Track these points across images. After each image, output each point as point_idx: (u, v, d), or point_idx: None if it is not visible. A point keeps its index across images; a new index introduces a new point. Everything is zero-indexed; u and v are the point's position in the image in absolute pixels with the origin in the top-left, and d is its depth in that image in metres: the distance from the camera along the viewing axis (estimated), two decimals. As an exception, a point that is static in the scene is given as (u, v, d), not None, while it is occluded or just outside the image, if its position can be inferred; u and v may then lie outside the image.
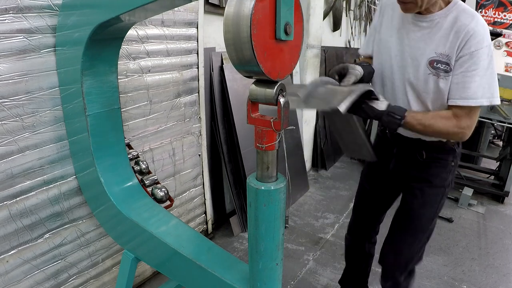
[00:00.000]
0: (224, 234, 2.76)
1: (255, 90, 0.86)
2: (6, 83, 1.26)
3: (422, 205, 1.48)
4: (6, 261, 1.38)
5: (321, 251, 2.65)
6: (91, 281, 1.78)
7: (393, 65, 1.37)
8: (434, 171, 1.45)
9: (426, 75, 1.27)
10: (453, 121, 1.24)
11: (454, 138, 1.33)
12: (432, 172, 1.45)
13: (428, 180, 1.46)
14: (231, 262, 1.20)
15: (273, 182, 0.92)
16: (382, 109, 1.21)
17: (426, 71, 1.27)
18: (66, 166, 1.51)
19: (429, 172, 1.45)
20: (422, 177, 1.47)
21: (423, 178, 1.47)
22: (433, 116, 1.26)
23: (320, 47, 3.65)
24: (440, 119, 1.24)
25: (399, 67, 1.36)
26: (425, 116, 1.25)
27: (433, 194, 1.47)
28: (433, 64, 1.25)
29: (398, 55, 1.35)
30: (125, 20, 1.11)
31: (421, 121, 1.23)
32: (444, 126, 1.24)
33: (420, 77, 1.29)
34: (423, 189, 1.47)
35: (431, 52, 1.25)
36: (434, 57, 1.24)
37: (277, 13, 0.77)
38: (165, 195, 1.57)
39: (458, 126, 1.24)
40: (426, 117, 1.24)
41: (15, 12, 1.24)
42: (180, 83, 2.09)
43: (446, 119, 1.24)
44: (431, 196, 1.47)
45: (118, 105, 1.41)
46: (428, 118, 1.24)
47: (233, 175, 2.70)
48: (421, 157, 1.44)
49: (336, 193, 3.60)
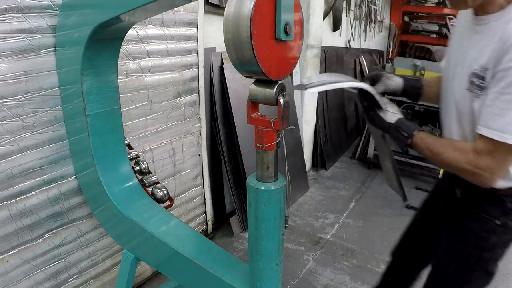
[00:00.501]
0: (224, 234, 2.76)
1: (255, 90, 0.86)
2: (6, 83, 1.26)
3: (447, 263, 1.17)
4: (6, 261, 1.38)
5: (321, 251, 2.65)
6: (91, 281, 1.78)
7: (448, 77, 1.14)
8: (469, 223, 1.11)
9: (464, 90, 1.03)
10: (469, 156, 0.96)
11: (471, 180, 1.01)
12: (466, 223, 1.12)
13: (459, 232, 1.14)
14: (231, 262, 1.20)
15: (273, 182, 0.92)
16: (391, 122, 1.08)
17: (465, 85, 1.02)
18: (66, 166, 1.51)
19: (462, 222, 1.13)
20: (454, 225, 1.16)
21: (454, 227, 1.16)
22: (445, 143, 1.03)
23: (320, 47, 3.65)
24: (452, 150, 1.00)
25: (451, 79, 1.11)
26: (435, 142, 1.03)
27: (462, 255, 1.13)
28: (472, 77, 1.00)
29: (453, 65, 1.11)
30: (125, 20, 1.11)
31: (429, 146, 1.03)
32: (455, 160, 0.99)
33: (460, 92, 1.04)
34: (452, 243, 1.17)
35: (474, 63, 1.00)
36: (475, 69, 0.99)
37: (277, 13, 0.77)
38: (165, 195, 1.57)
39: (473, 164, 0.96)
40: (436, 143, 1.03)
41: (15, 12, 1.24)
42: (180, 83, 2.09)
43: (460, 152, 0.98)
44: (459, 256, 1.13)
45: (118, 105, 1.41)
46: (439, 144, 1.03)
47: (233, 175, 2.70)
48: (456, 195, 1.15)
49: (336, 193, 3.60)
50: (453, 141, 1.06)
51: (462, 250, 1.13)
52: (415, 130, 1.07)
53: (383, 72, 1.22)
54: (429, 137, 1.06)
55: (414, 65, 3.87)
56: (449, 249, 1.17)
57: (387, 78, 1.19)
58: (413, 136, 1.05)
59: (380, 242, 2.79)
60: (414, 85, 1.24)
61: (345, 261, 2.54)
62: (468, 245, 1.12)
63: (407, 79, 1.23)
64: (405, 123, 1.08)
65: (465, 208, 1.11)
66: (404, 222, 1.58)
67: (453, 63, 1.11)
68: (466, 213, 1.11)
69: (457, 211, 1.15)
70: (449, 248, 1.17)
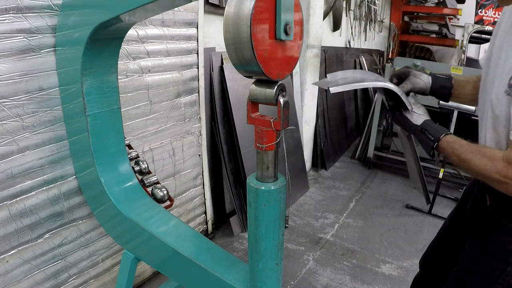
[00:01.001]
0: (224, 234, 2.76)
1: (255, 90, 0.86)
2: (6, 83, 1.26)
3: (468, 272, 1.12)
4: (6, 261, 1.38)
5: (321, 251, 2.65)
6: (91, 281, 1.78)
7: (487, 77, 1.05)
8: (496, 234, 1.04)
9: (502, 94, 0.95)
10: (498, 165, 0.90)
11: (500, 189, 0.95)
12: (493, 233, 1.05)
13: (484, 242, 1.07)
14: (231, 262, 1.20)
15: (273, 182, 0.92)
16: (417, 124, 1.03)
17: (504, 88, 0.94)
18: (66, 166, 1.51)
19: (489, 231, 1.06)
20: (480, 233, 1.10)
21: (481, 235, 1.09)
22: (474, 150, 0.96)
23: (320, 47, 3.65)
24: (481, 157, 0.93)
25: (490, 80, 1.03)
26: (463, 147, 0.97)
27: (486, 266, 1.07)
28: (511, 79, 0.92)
29: (493, 65, 1.03)
30: (125, 20, 1.11)
31: (456, 151, 0.97)
32: (483, 168, 0.93)
33: (498, 95, 0.97)
34: (476, 251, 1.10)
35: None
36: None
37: (277, 13, 0.77)
38: (165, 195, 1.57)
39: (502, 174, 0.89)
40: (464, 149, 0.97)
41: (15, 12, 1.24)
42: (180, 83, 2.09)
43: (489, 160, 0.92)
44: (483, 267, 1.08)
45: (118, 105, 1.41)
46: (467, 151, 0.96)
47: (233, 175, 2.70)
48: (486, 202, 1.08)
49: (336, 193, 3.60)
50: (482, 148, 0.98)
51: (486, 262, 1.07)
52: (443, 133, 1.01)
53: (411, 69, 1.15)
54: (457, 142, 1.00)
55: (414, 65, 3.87)
56: (472, 258, 1.12)
57: (414, 76, 1.13)
58: (439, 140, 1.00)
59: (380, 242, 2.79)
60: (444, 84, 1.17)
61: (345, 261, 2.54)
62: (493, 257, 1.06)
63: (437, 78, 1.16)
64: (432, 126, 1.03)
65: (494, 217, 1.05)
66: (404, 222, 1.57)
67: (493, 64, 1.03)
68: (494, 222, 1.05)
69: (485, 219, 1.08)
70: (473, 256, 1.12)
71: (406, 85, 1.11)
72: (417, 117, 1.05)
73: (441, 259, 1.40)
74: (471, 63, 5.95)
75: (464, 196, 1.29)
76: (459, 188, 3.58)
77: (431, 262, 1.45)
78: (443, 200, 3.53)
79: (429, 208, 3.24)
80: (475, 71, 3.97)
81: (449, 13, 6.78)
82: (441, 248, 1.40)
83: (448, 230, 1.36)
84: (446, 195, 3.58)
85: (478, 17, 7.47)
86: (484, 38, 6.08)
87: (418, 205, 3.36)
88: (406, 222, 3.08)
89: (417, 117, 1.05)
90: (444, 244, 1.38)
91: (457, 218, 1.31)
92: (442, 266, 1.40)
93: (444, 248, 1.38)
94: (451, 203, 3.49)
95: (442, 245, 1.40)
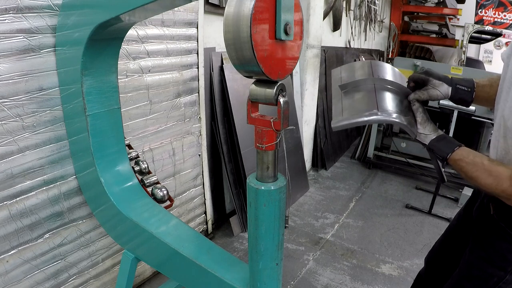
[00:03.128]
0: (224, 234, 2.76)
1: (255, 90, 0.86)
2: (6, 83, 1.26)
3: (467, 277, 1.14)
4: (6, 261, 1.38)
5: (321, 251, 2.65)
6: (91, 281, 1.78)
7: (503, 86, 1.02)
8: (498, 242, 1.05)
9: None
10: (504, 184, 0.91)
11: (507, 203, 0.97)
12: (494, 241, 1.06)
13: (485, 248, 1.08)
14: (231, 262, 1.20)
15: (273, 182, 0.92)
16: (425, 143, 1.04)
17: None
18: (66, 166, 1.51)
19: (490, 238, 1.07)
20: (482, 239, 1.10)
21: (482, 241, 1.10)
22: (480, 168, 0.96)
23: (320, 47, 3.65)
24: (487, 176, 0.94)
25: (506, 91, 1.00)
26: (469, 166, 0.97)
27: (484, 272, 1.07)
28: None
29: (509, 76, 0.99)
30: (125, 20, 1.11)
31: (464, 169, 0.98)
32: (489, 187, 0.94)
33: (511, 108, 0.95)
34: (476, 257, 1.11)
35: None
36: None
37: (277, 13, 0.77)
38: (165, 195, 1.57)
39: (507, 193, 0.91)
40: (470, 167, 0.97)
41: (15, 12, 1.24)
42: (180, 83, 2.09)
43: (495, 179, 0.93)
44: (481, 273, 1.08)
45: (118, 105, 1.41)
46: (473, 169, 0.97)
47: (233, 175, 2.70)
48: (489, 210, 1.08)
49: (336, 193, 3.60)
50: (489, 166, 0.96)
51: (485, 268, 1.08)
52: (450, 152, 1.00)
53: (431, 78, 1.07)
54: (464, 159, 0.98)
55: (414, 65, 3.87)
56: (472, 263, 1.13)
57: (433, 87, 1.06)
58: (447, 160, 1.01)
59: (380, 242, 2.79)
60: (464, 98, 1.10)
61: (345, 261, 2.54)
62: (493, 264, 1.07)
63: (457, 90, 1.08)
64: (438, 146, 1.02)
65: (498, 225, 1.05)
66: (404, 222, 1.58)
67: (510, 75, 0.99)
68: (497, 230, 1.05)
69: (488, 225, 1.08)
70: (472, 261, 1.13)
71: (423, 95, 1.07)
72: (424, 137, 1.04)
73: (445, 257, 1.41)
74: (471, 63, 5.95)
75: (472, 198, 1.29)
76: (459, 188, 3.58)
77: (436, 259, 1.46)
78: (443, 200, 3.53)
79: (429, 208, 3.24)
80: (475, 71, 3.98)
81: (449, 13, 6.79)
82: (446, 247, 1.41)
83: (454, 230, 1.37)
84: (446, 195, 3.59)
85: (478, 17, 7.46)
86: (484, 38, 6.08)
87: (418, 205, 3.36)
88: (406, 222, 3.08)
89: (424, 137, 1.04)
90: (449, 243, 1.39)
91: (464, 219, 1.31)
92: (446, 264, 1.41)
93: (449, 247, 1.39)
94: (451, 203, 3.49)
95: (448, 243, 1.41)
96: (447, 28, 7.11)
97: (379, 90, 1.09)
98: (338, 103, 1.12)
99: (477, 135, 4.12)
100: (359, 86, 1.12)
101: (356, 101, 1.10)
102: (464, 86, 1.09)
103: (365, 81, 1.12)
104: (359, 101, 1.09)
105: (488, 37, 6.07)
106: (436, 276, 1.46)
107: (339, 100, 1.13)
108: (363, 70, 1.19)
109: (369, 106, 1.05)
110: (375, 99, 1.07)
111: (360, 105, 1.07)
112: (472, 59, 6.49)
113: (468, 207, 1.30)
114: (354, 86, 1.13)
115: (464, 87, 1.09)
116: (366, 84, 1.12)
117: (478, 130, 3.93)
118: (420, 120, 1.06)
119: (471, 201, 1.28)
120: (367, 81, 1.12)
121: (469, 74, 3.69)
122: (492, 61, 8.08)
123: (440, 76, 1.09)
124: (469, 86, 1.10)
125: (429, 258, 1.50)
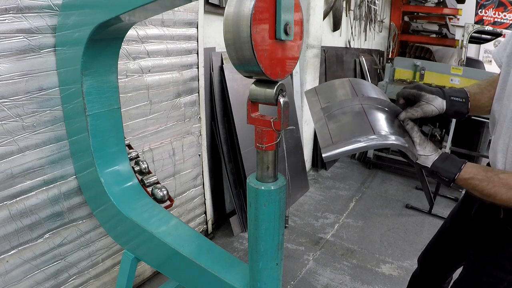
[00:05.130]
0: (224, 234, 2.76)
1: (255, 90, 0.86)
2: (6, 83, 1.26)
3: (473, 282, 1.11)
4: (6, 261, 1.38)
5: (321, 251, 2.65)
6: (91, 281, 1.78)
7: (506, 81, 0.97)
8: (506, 246, 1.02)
9: None
10: None
11: None
12: (503, 245, 1.03)
13: (493, 253, 1.05)
14: (231, 262, 1.20)
15: (273, 182, 0.92)
16: (426, 165, 0.95)
17: None
18: (66, 166, 1.51)
19: (499, 243, 1.03)
20: (488, 243, 1.06)
21: (489, 246, 1.06)
22: (497, 183, 0.89)
23: (320, 47, 3.65)
24: (507, 190, 0.87)
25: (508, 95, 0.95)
26: (484, 182, 0.90)
27: (493, 277, 1.05)
28: None
29: None
30: (125, 20, 1.11)
31: (476, 187, 0.90)
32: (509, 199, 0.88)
33: None
34: (483, 262, 1.07)
35: None
36: None
37: (277, 13, 0.77)
38: (165, 195, 1.57)
39: None
40: (485, 184, 0.90)
41: (15, 12, 1.24)
42: (180, 83, 2.09)
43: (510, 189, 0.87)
44: (489, 278, 1.05)
45: (118, 105, 1.41)
46: (488, 185, 0.89)
47: (233, 175, 2.70)
48: (499, 214, 1.02)
49: (336, 193, 3.60)
50: (506, 178, 0.89)
51: (494, 273, 1.05)
52: (456, 172, 0.92)
53: (423, 92, 1.01)
54: (476, 176, 0.91)
55: (414, 65, 3.87)
56: (478, 268, 1.09)
57: (427, 103, 1.00)
58: (455, 180, 0.93)
59: (380, 242, 2.79)
60: (459, 110, 1.04)
61: (345, 261, 2.54)
62: (502, 269, 1.03)
63: (451, 103, 1.02)
64: (443, 167, 0.93)
65: (506, 229, 1.00)
66: (404, 222, 1.58)
67: None
68: (505, 235, 1.01)
69: (494, 229, 1.04)
70: (479, 266, 1.09)
71: (417, 112, 0.99)
72: (425, 159, 0.95)
73: (441, 259, 1.40)
74: (471, 63, 5.96)
75: (466, 200, 1.25)
76: (459, 188, 3.58)
77: (431, 261, 1.45)
78: (443, 200, 3.53)
79: (429, 208, 3.24)
80: (474, 71, 3.98)
81: (449, 13, 6.79)
82: (441, 248, 1.39)
83: (449, 231, 1.34)
84: (446, 195, 3.59)
85: (478, 17, 7.47)
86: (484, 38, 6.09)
87: (418, 205, 3.36)
88: (406, 222, 3.08)
89: (425, 159, 0.95)
90: (445, 244, 1.37)
91: (460, 221, 1.28)
92: (441, 265, 1.41)
93: (445, 248, 1.37)
94: (451, 203, 3.49)
95: (443, 245, 1.38)
96: (447, 28, 7.12)
97: (368, 111, 0.99)
98: (323, 128, 0.98)
99: (477, 135, 4.12)
100: (343, 108, 1.02)
101: (345, 124, 0.97)
102: (458, 97, 1.04)
103: (352, 101, 1.02)
104: (349, 124, 0.97)
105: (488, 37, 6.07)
106: (431, 278, 1.45)
107: (323, 125, 0.99)
108: (344, 89, 1.10)
109: (362, 129, 0.93)
110: (367, 121, 0.95)
111: (352, 129, 0.95)
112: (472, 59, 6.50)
113: (463, 209, 1.26)
114: (340, 107, 1.02)
115: (458, 98, 1.03)
116: (352, 104, 1.01)
117: (478, 130, 3.93)
118: (418, 140, 0.97)
119: (467, 203, 1.24)
120: (353, 101, 1.01)
121: (469, 74, 3.69)
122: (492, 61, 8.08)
123: (433, 90, 1.02)
124: (463, 97, 1.04)
125: (423, 259, 1.47)
